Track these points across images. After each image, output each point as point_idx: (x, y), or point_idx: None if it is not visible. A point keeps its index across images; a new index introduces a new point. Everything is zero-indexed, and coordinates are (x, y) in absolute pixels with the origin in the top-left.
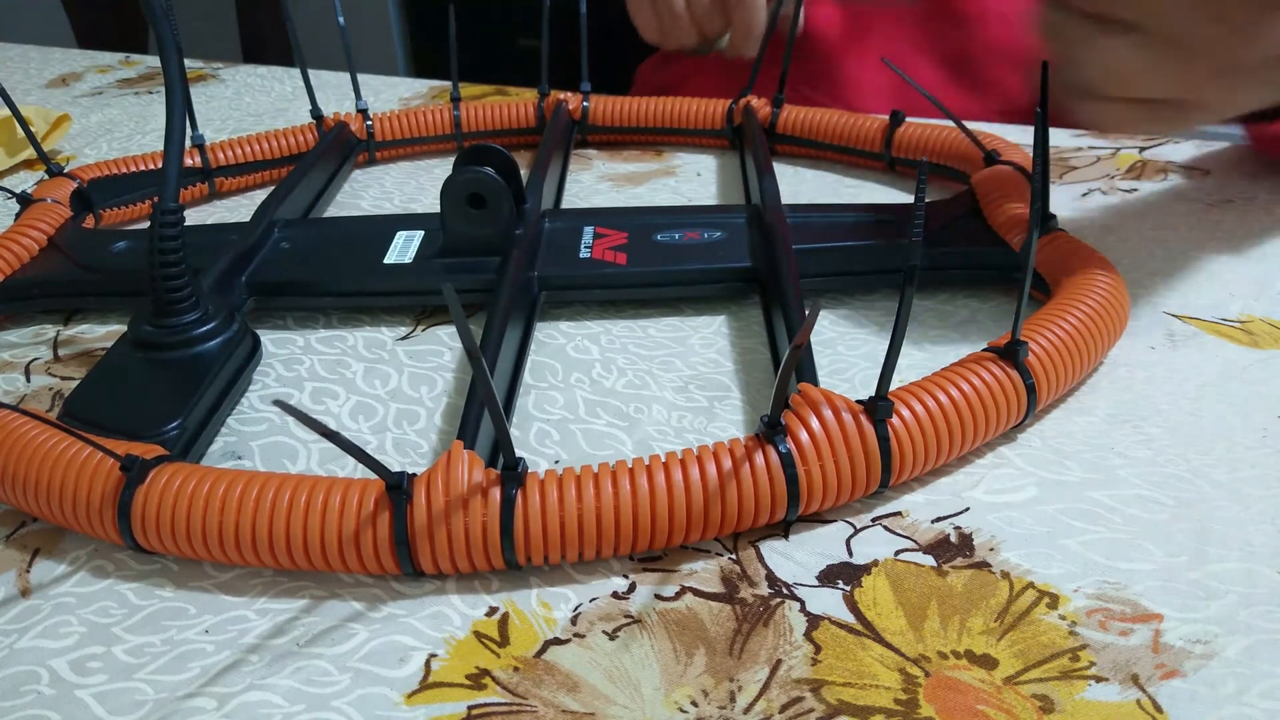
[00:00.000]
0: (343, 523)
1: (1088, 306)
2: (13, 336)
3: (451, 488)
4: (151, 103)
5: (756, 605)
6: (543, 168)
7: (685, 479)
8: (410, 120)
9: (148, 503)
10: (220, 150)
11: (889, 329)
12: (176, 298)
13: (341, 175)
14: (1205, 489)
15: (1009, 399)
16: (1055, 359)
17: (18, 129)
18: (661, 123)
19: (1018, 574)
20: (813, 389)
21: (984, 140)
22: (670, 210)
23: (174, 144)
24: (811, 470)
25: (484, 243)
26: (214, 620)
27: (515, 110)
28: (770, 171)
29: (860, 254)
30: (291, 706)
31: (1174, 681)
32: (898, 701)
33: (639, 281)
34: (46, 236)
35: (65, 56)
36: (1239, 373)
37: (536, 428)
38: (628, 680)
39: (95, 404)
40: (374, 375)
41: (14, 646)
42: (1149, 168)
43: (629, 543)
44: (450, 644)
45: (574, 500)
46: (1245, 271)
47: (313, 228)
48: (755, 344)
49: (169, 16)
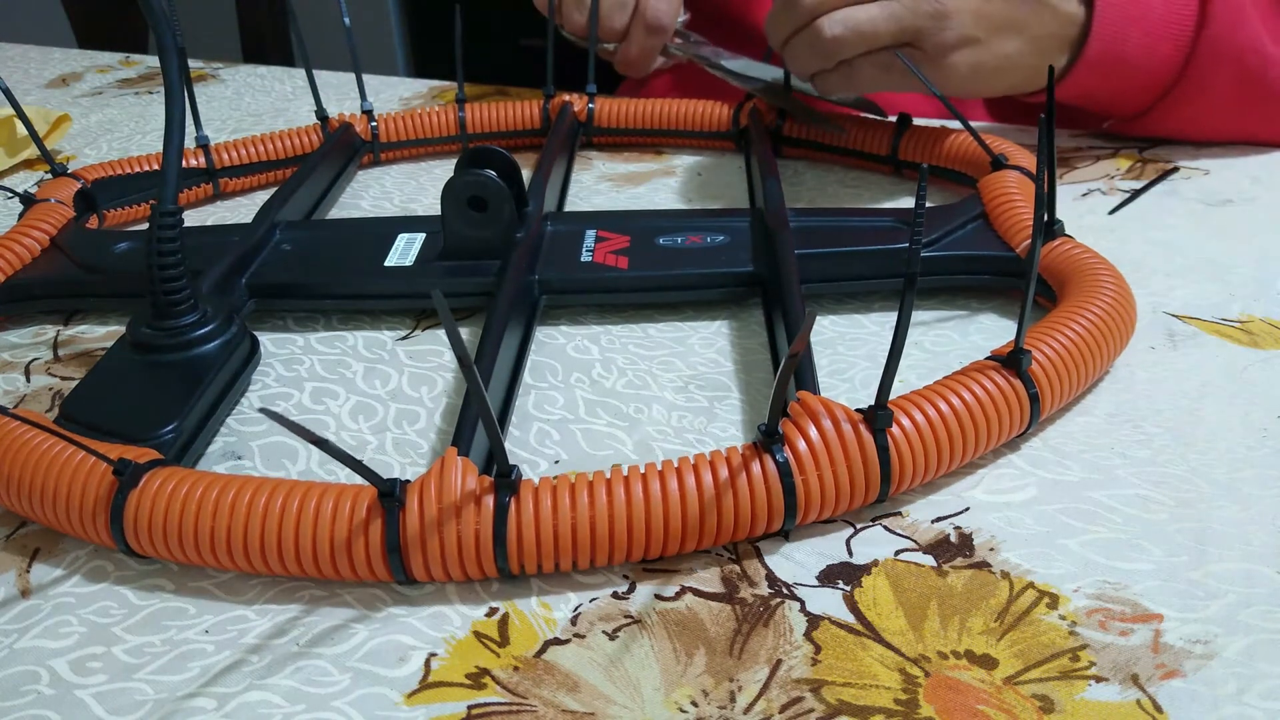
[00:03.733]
0: (335, 529)
1: (1093, 314)
2: (13, 336)
3: (444, 495)
4: (151, 103)
5: (756, 605)
6: (546, 170)
7: (681, 488)
8: (415, 121)
9: (140, 507)
10: (224, 151)
11: (889, 329)
12: (175, 300)
13: (345, 177)
14: (1205, 489)
15: (1011, 409)
16: (1059, 368)
17: (17, 129)
18: (667, 125)
19: (1018, 574)
20: (812, 398)
21: (991, 144)
22: (672, 214)
23: (173, 146)
24: (809, 480)
25: (485, 246)
26: (214, 620)
27: (520, 111)
28: (774, 175)
29: (863, 259)
30: (291, 706)
31: (1174, 681)
32: (898, 701)
33: (640, 286)
34: (49, 237)
35: (65, 56)
36: (1239, 373)
37: (536, 428)
38: (628, 680)
39: (92, 407)
40: (374, 375)
41: (14, 646)
42: (1149, 168)
43: (623, 552)
44: (450, 644)
45: (568, 509)
46: (1245, 271)
47: (314, 230)
48: (756, 344)
49: (169, 17)
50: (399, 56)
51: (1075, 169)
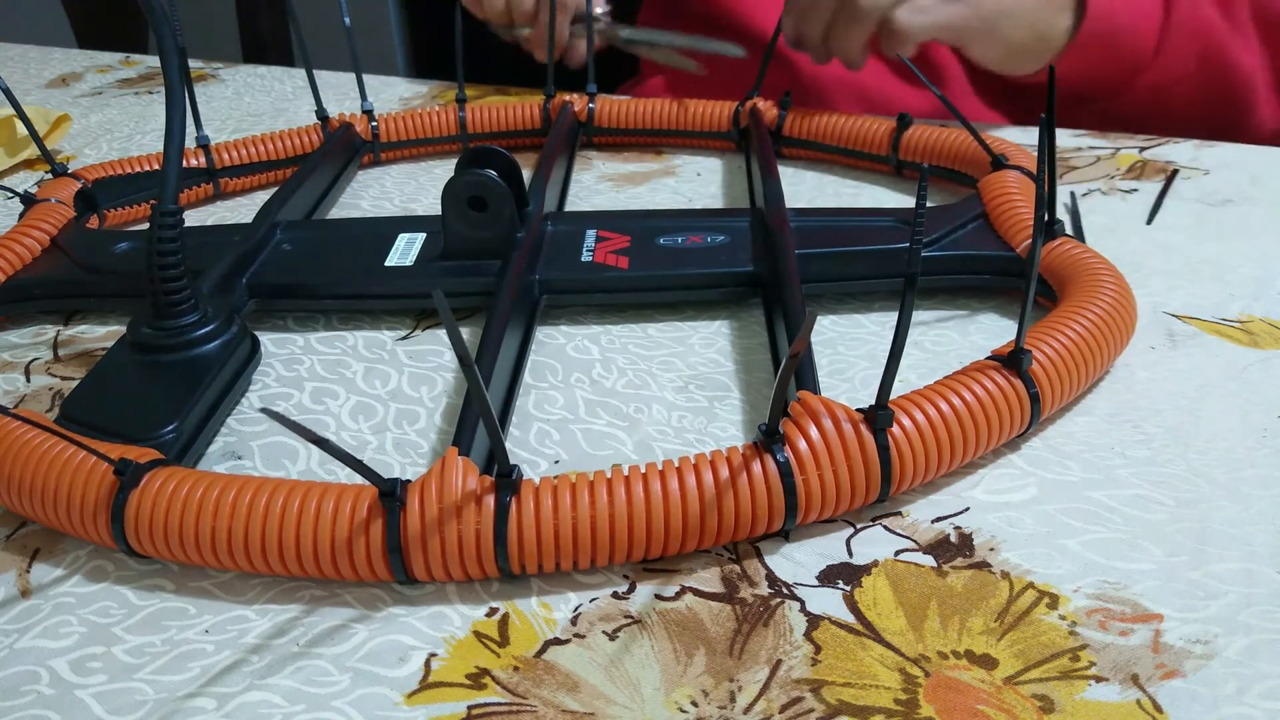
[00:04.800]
0: (335, 529)
1: (1093, 314)
2: (13, 337)
3: (445, 495)
4: (151, 103)
5: (756, 605)
6: (546, 170)
7: (681, 488)
8: (416, 121)
9: (141, 507)
10: (225, 151)
11: (889, 328)
12: (175, 300)
13: (345, 177)
14: (1205, 489)
15: (1012, 408)
16: (1060, 368)
17: (17, 129)
18: (667, 125)
19: (1018, 574)
20: (812, 397)
21: (992, 144)
22: (673, 214)
23: (173, 146)
24: (810, 480)
25: (485, 246)
26: (214, 620)
27: (521, 112)
28: (774, 175)
29: (863, 259)
30: (291, 706)
31: (1174, 681)
32: (898, 701)
33: (640, 286)
34: (49, 237)
35: (65, 56)
36: (1239, 373)
37: (536, 428)
38: (628, 680)
39: (93, 407)
40: (374, 375)
41: (14, 646)
42: (1149, 168)
43: (624, 552)
44: (450, 644)
45: (568, 509)
46: (1245, 271)
47: (314, 229)
48: (756, 344)
49: (170, 18)
50: (399, 56)
51: (1075, 169)
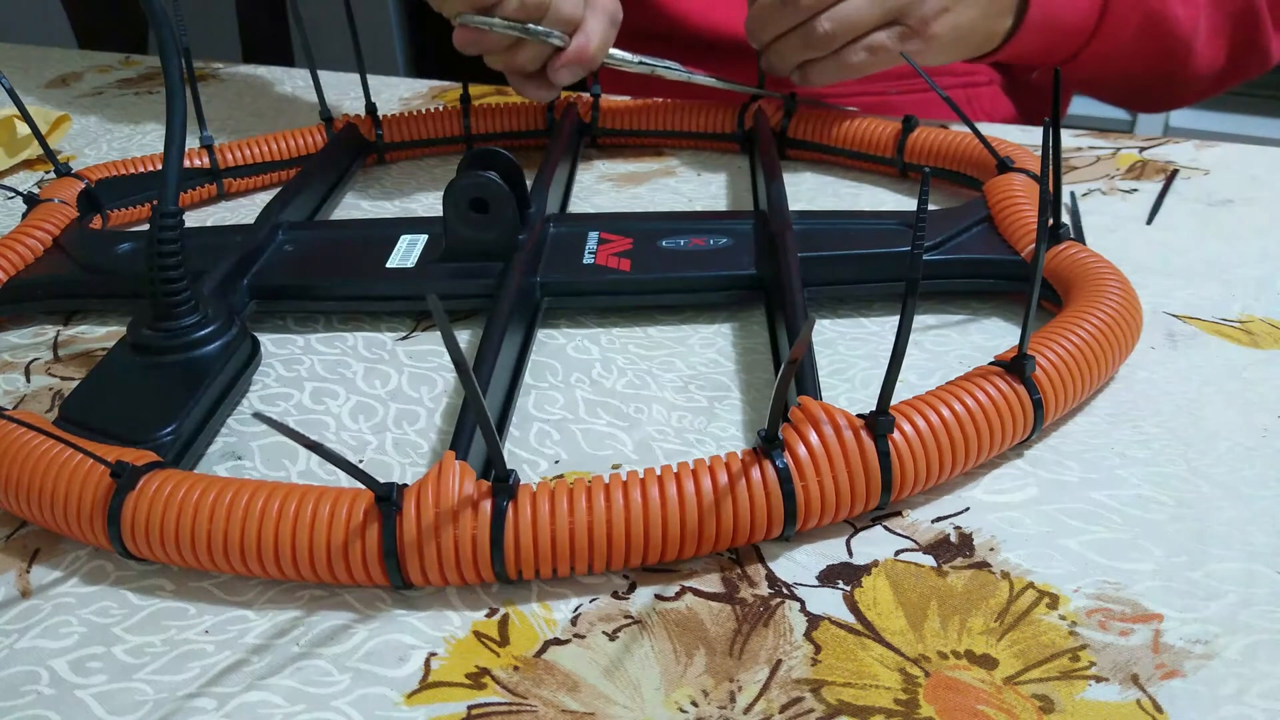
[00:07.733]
0: (331, 534)
1: (1098, 320)
2: (13, 337)
3: (441, 499)
4: (152, 103)
5: (756, 605)
6: (549, 171)
7: (680, 494)
8: (419, 122)
9: (137, 510)
10: (228, 151)
11: (890, 329)
12: (175, 301)
13: (349, 177)
14: (1205, 489)
15: (1015, 415)
16: (1064, 374)
17: (17, 129)
18: (671, 126)
19: (1018, 574)
20: (812, 403)
21: (997, 146)
22: (675, 216)
23: (174, 147)
24: (809, 487)
25: (487, 248)
26: (214, 620)
27: (524, 112)
28: (778, 177)
29: (865, 262)
30: (291, 706)
31: (1174, 681)
32: (898, 701)
33: (643, 288)
34: (51, 237)
35: (65, 56)
36: (1239, 373)
37: (536, 428)
38: (628, 680)
39: (91, 408)
40: (374, 375)
41: (14, 646)
42: (1149, 168)
43: (621, 558)
44: (450, 644)
45: (565, 514)
46: (1245, 271)
47: (316, 231)
48: (756, 344)
49: (171, 17)
50: (399, 56)
51: (1075, 169)
